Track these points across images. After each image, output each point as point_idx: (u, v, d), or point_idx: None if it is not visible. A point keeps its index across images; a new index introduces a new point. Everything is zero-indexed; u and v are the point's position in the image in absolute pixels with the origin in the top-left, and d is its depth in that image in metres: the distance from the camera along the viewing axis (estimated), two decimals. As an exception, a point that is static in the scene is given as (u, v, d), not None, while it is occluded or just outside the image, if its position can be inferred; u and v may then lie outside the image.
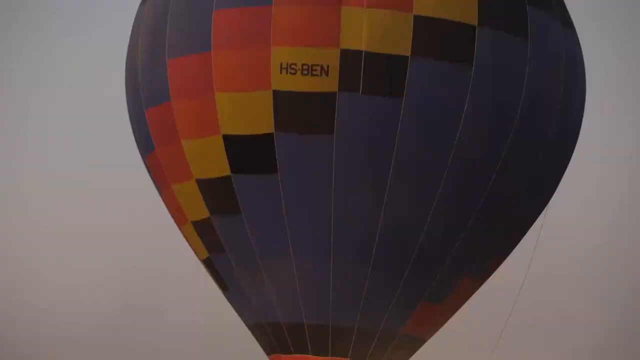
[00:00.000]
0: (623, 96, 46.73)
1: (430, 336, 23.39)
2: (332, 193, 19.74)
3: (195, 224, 21.66)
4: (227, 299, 23.03)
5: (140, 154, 22.80)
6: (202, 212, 21.20)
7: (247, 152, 19.97)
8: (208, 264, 22.46)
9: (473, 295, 23.66)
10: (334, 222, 20.01)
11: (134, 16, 22.70)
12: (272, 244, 20.64)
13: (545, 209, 23.18)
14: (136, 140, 22.81)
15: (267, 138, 19.64)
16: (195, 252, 22.76)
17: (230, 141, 19.92)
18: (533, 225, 23.39)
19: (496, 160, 20.25)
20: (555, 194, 23.22)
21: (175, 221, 22.73)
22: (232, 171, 20.14)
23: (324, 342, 21.53)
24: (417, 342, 22.86)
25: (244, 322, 23.06)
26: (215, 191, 20.67)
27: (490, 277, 23.58)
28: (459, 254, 20.98)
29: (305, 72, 19.23)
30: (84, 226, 48.09)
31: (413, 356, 23.71)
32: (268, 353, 22.97)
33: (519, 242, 23.21)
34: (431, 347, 24.17)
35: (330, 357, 21.67)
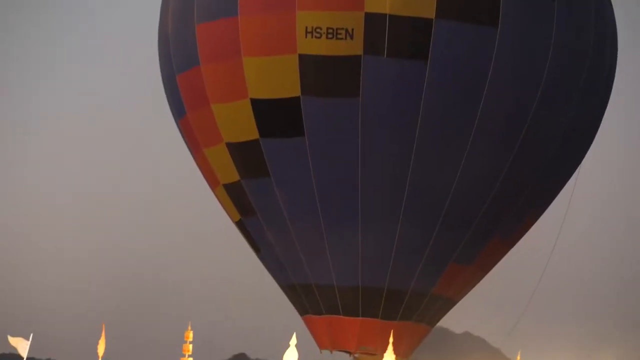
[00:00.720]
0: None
1: (461, 297, 23.42)
2: (359, 155, 19.87)
3: (227, 186, 21.99)
4: (261, 261, 23.39)
5: (174, 118, 23.18)
6: (232, 175, 21.51)
7: (274, 116, 20.16)
8: (240, 226, 22.80)
9: (504, 259, 23.74)
10: (361, 184, 20.15)
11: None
12: (301, 207, 20.86)
13: (577, 171, 23.03)
14: (169, 105, 23.18)
15: (293, 102, 19.81)
16: (228, 215, 23.11)
17: (258, 105, 20.14)
18: (564, 189, 23.32)
19: (523, 122, 20.14)
20: (587, 157, 23.11)
21: (208, 184, 23.09)
22: (260, 135, 20.37)
23: (354, 303, 21.74)
24: (448, 303, 22.92)
25: (277, 283, 23.41)
26: (244, 154, 20.94)
27: (521, 242, 23.63)
28: (488, 215, 20.93)
29: (330, 35, 19.31)
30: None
31: (444, 317, 24.01)
32: (301, 314, 23.32)
33: (550, 204, 23.09)
34: (462, 308, 24.34)
35: (360, 318, 21.90)
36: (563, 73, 20.35)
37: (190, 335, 16.73)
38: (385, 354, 17.39)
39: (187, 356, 16.74)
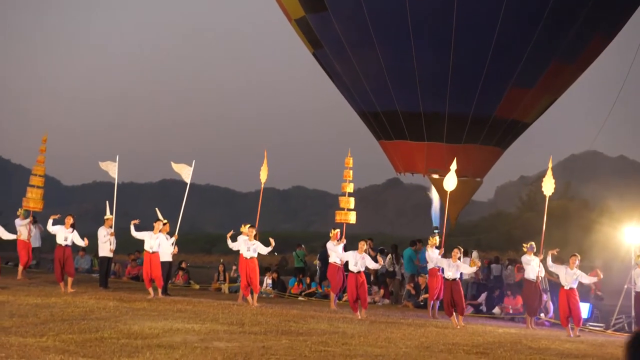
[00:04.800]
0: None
1: (532, 120, 23.53)
2: None
3: (297, 21, 23.13)
4: (339, 90, 24.66)
5: None
6: (299, 10, 22.57)
7: None
8: (315, 57, 24.01)
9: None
10: (410, 11, 20.64)
11: None
12: (357, 37, 21.67)
13: None
14: None
15: None
16: (307, 47, 24.39)
17: None
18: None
19: None
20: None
21: (287, 18, 24.34)
22: None
23: (418, 128, 22.64)
24: (517, 126, 23.19)
25: (354, 110, 24.69)
26: None
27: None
28: (543, 37, 20.79)
29: None
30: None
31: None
32: (377, 139, 24.63)
33: (617, 30, 22.56)
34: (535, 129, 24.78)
35: (426, 142, 22.89)
36: None
37: (350, 162, 18.28)
38: None
39: (348, 181, 18.38)
